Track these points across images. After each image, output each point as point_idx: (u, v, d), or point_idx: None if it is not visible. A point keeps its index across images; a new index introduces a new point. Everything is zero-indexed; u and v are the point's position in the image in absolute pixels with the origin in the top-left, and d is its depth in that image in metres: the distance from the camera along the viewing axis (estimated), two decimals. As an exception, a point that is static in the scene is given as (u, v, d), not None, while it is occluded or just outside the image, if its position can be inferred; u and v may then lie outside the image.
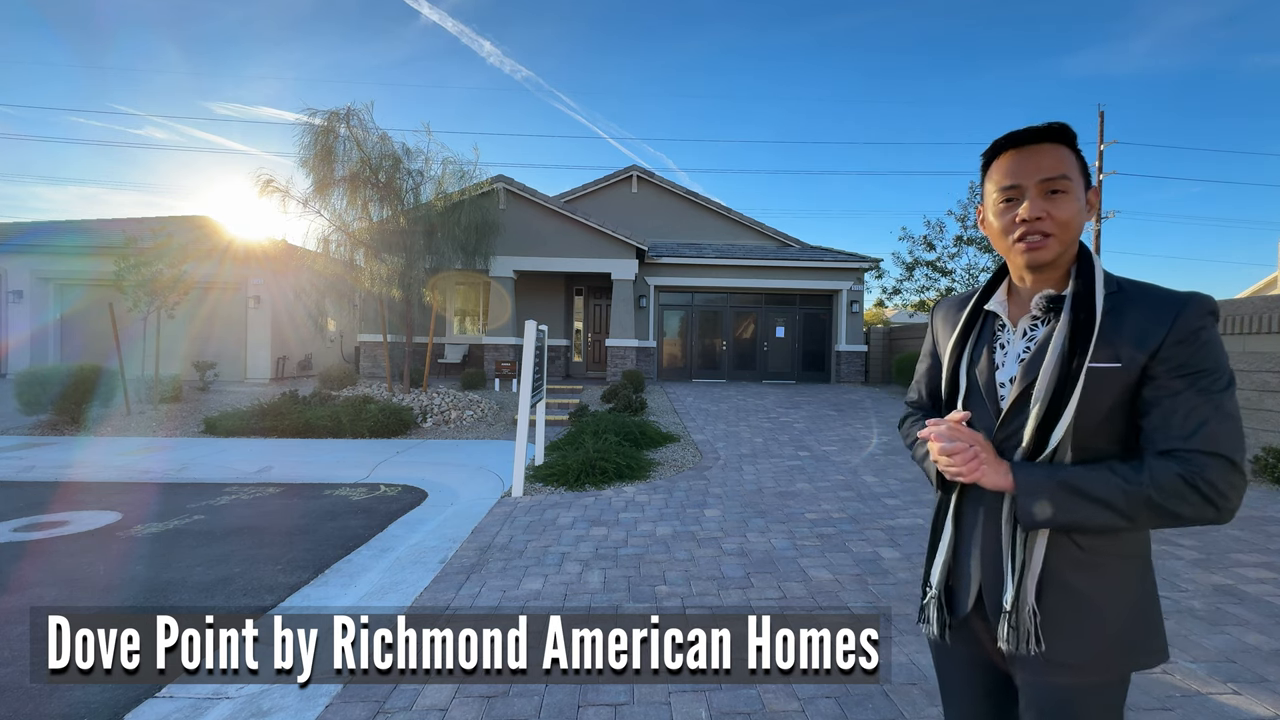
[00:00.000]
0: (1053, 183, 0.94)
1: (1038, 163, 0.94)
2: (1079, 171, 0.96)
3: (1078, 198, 0.95)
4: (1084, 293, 0.94)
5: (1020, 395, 0.97)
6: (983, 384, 1.03)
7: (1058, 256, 0.96)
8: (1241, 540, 3.89)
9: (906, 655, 2.48)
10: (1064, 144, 0.96)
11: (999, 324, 1.06)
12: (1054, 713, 0.95)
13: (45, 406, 8.32)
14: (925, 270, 16.59)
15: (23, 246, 12.71)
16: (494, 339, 12.88)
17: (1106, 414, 0.92)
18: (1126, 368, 0.90)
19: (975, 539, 1.03)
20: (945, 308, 1.19)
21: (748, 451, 6.95)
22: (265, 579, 3.48)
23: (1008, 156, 0.98)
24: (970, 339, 1.09)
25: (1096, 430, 0.93)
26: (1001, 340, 1.05)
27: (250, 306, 13.01)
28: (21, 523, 4.48)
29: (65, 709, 2.24)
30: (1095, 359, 0.91)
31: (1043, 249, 0.95)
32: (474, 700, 2.18)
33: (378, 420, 8.17)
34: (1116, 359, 0.90)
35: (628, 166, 15.40)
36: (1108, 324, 0.92)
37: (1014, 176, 0.96)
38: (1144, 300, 0.93)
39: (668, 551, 3.75)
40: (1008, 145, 0.98)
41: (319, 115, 9.66)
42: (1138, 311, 0.92)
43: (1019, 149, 0.97)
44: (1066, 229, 0.94)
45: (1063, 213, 0.94)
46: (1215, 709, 2.10)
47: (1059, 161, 0.94)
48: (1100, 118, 19.33)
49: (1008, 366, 1.01)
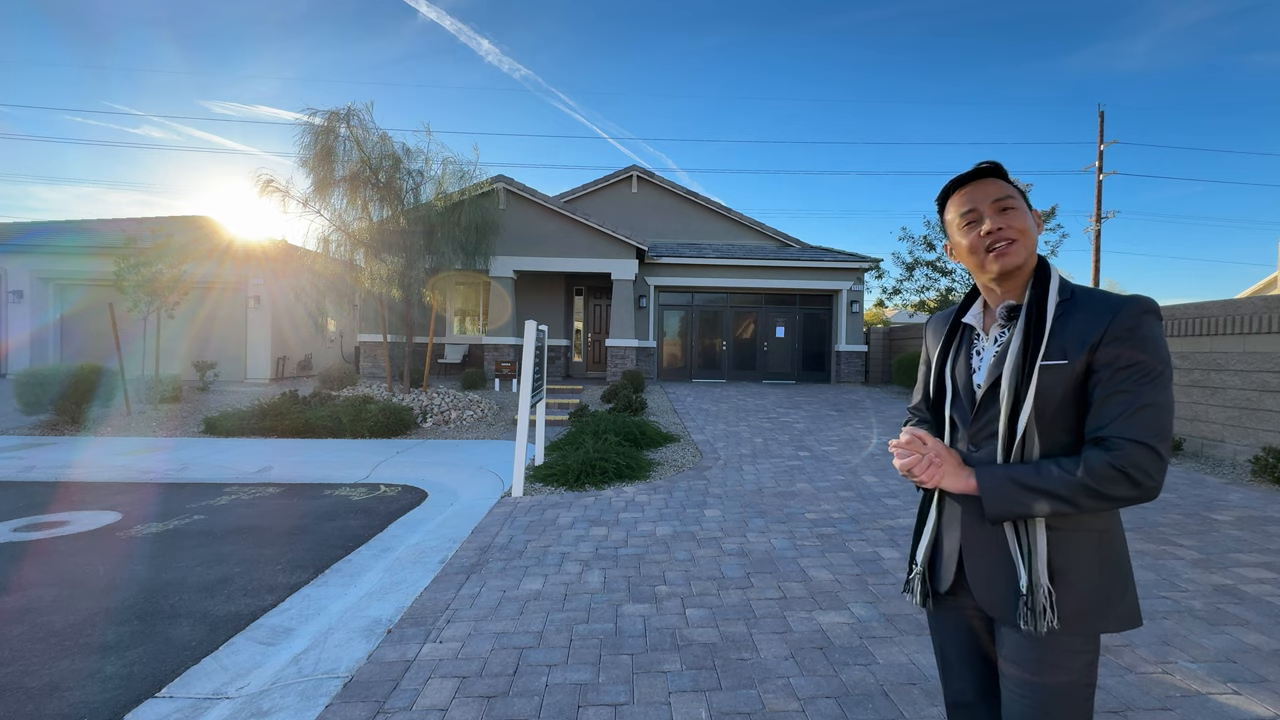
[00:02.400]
0: (1003, 201, 1.11)
1: (985, 191, 1.13)
2: (1020, 197, 1.14)
3: (1026, 214, 1.12)
4: (1037, 301, 1.09)
5: (987, 391, 1.13)
6: (962, 386, 1.20)
7: (1025, 261, 1.11)
8: (1241, 540, 3.89)
9: (906, 655, 2.48)
10: (1000, 178, 1.14)
11: (975, 334, 1.23)
12: (1029, 664, 1.07)
13: (45, 406, 8.32)
14: (925, 270, 16.60)
15: (23, 246, 12.71)
16: (494, 339, 12.88)
17: (1060, 406, 1.06)
18: (1072, 364, 1.04)
19: (954, 525, 1.19)
20: (935, 322, 1.36)
21: (748, 451, 6.95)
22: (265, 579, 3.48)
23: (960, 193, 1.16)
24: (952, 349, 1.25)
25: (1054, 421, 1.07)
26: (978, 348, 1.21)
27: (250, 306, 13.01)
28: (21, 523, 4.48)
29: (65, 709, 2.24)
30: (1047, 357, 1.05)
31: (1011, 254, 1.10)
32: (474, 700, 2.18)
33: (378, 420, 8.17)
34: (1064, 356, 1.05)
35: (628, 166, 15.40)
36: (1057, 326, 1.07)
37: (970, 202, 1.14)
38: (1089, 304, 1.07)
39: (668, 551, 3.75)
40: (956, 186, 1.17)
41: (319, 115, 9.67)
42: (1083, 314, 1.06)
43: (966, 186, 1.15)
44: (1026, 235, 1.10)
45: (1018, 222, 1.10)
46: (1215, 709, 2.10)
47: (1001, 188, 1.12)
48: (1100, 118, 19.33)
49: (981, 370, 1.17)
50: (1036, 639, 1.06)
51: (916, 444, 1.16)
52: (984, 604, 1.14)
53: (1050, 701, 1.06)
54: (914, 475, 1.15)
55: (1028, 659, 1.07)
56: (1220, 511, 4.54)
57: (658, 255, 13.72)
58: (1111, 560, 1.09)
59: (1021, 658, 1.08)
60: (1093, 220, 19.43)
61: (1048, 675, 1.06)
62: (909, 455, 1.15)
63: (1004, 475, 1.06)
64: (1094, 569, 1.07)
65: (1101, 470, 0.98)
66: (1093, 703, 1.09)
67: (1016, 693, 1.09)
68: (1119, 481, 0.98)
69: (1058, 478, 1.01)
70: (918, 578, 1.27)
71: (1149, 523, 4.25)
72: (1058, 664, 1.06)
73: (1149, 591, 3.09)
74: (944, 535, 1.22)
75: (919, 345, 13.54)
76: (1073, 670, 1.06)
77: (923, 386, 1.37)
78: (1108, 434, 1.00)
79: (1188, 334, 6.80)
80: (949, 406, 1.22)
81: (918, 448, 1.16)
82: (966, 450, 1.17)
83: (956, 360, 1.23)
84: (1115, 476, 0.98)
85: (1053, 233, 15.73)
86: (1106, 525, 1.09)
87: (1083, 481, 0.99)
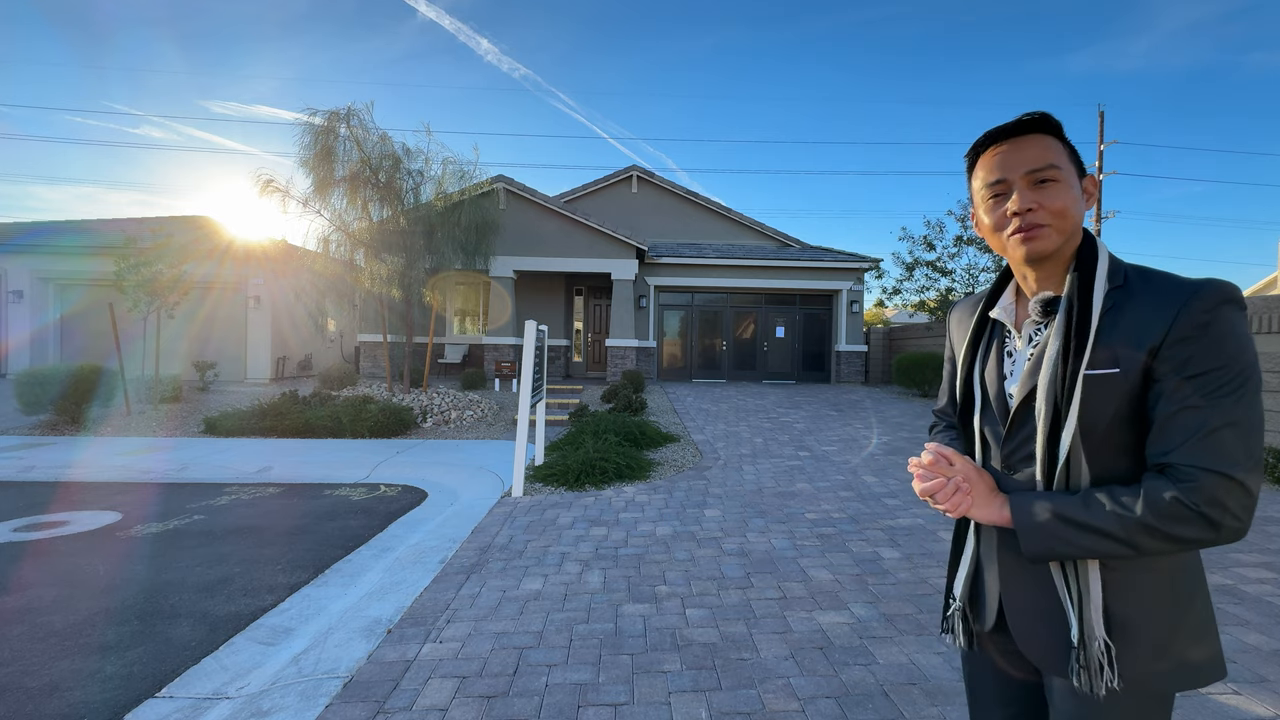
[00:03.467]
0: (1040, 173, 0.88)
1: (1022, 155, 0.89)
2: (1069, 160, 0.90)
3: (1071, 186, 0.89)
4: (1080, 291, 0.88)
5: (1021, 405, 0.93)
6: (993, 395, 0.99)
7: (1059, 247, 0.90)
8: (1242, 540, 3.89)
9: (906, 655, 2.48)
10: (1049, 134, 0.90)
11: (1007, 331, 1.01)
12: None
13: (45, 406, 8.32)
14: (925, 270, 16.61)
15: (23, 246, 12.71)
16: (494, 339, 12.88)
17: (1112, 424, 0.85)
18: (1125, 372, 0.83)
19: (991, 555, 1.00)
20: (959, 311, 1.15)
21: (748, 451, 6.95)
22: (265, 579, 3.48)
23: (991, 152, 0.93)
24: (980, 347, 1.04)
25: (1105, 441, 0.86)
26: (1009, 348, 1.00)
27: (250, 306, 13.01)
28: (21, 523, 4.48)
29: (65, 709, 2.24)
30: (1093, 364, 0.84)
31: (1039, 239, 0.89)
32: (474, 700, 2.18)
33: (378, 420, 8.16)
34: (1115, 363, 0.83)
35: (628, 166, 15.40)
36: (1107, 324, 0.85)
37: (999, 171, 0.91)
38: (1149, 292, 0.84)
39: (668, 551, 3.75)
40: (989, 142, 0.93)
41: (319, 115, 9.67)
42: (1140, 306, 0.84)
43: (1001, 143, 0.92)
44: (1062, 218, 0.88)
45: (1056, 201, 0.88)
46: (1215, 709, 2.10)
47: (1045, 151, 0.89)
48: (1100, 118, 19.34)
49: (1015, 376, 0.96)
50: (1093, 701, 0.87)
51: (942, 464, 0.96)
52: (1028, 653, 0.95)
53: None
54: (936, 503, 0.95)
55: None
56: (1220, 511, 4.54)
57: (658, 255, 13.72)
58: (1187, 603, 0.88)
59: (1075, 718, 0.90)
60: (1093, 220, 19.45)
61: None
62: (931, 478, 0.96)
63: (1046, 508, 0.86)
64: (1164, 616, 0.86)
65: (1168, 507, 0.78)
66: None
67: None
68: (1190, 521, 0.78)
69: (1111, 515, 0.81)
70: (958, 615, 1.07)
71: (1149, 523, 4.25)
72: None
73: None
74: (984, 566, 1.03)
75: (919, 345, 13.54)
76: None
77: (948, 390, 1.17)
78: (1175, 461, 0.79)
79: (1188, 334, 6.77)
80: (978, 418, 1.01)
81: (943, 469, 0.96)
82: (1001, 472, 0.97)
83: (986, 361, 1.02)
84: (1184, 515, 0.77)
85: (1053, 233, 15.75)
86: (1181, 563, 0.88)
87: (1143, 520, 0.79)
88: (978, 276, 15.76)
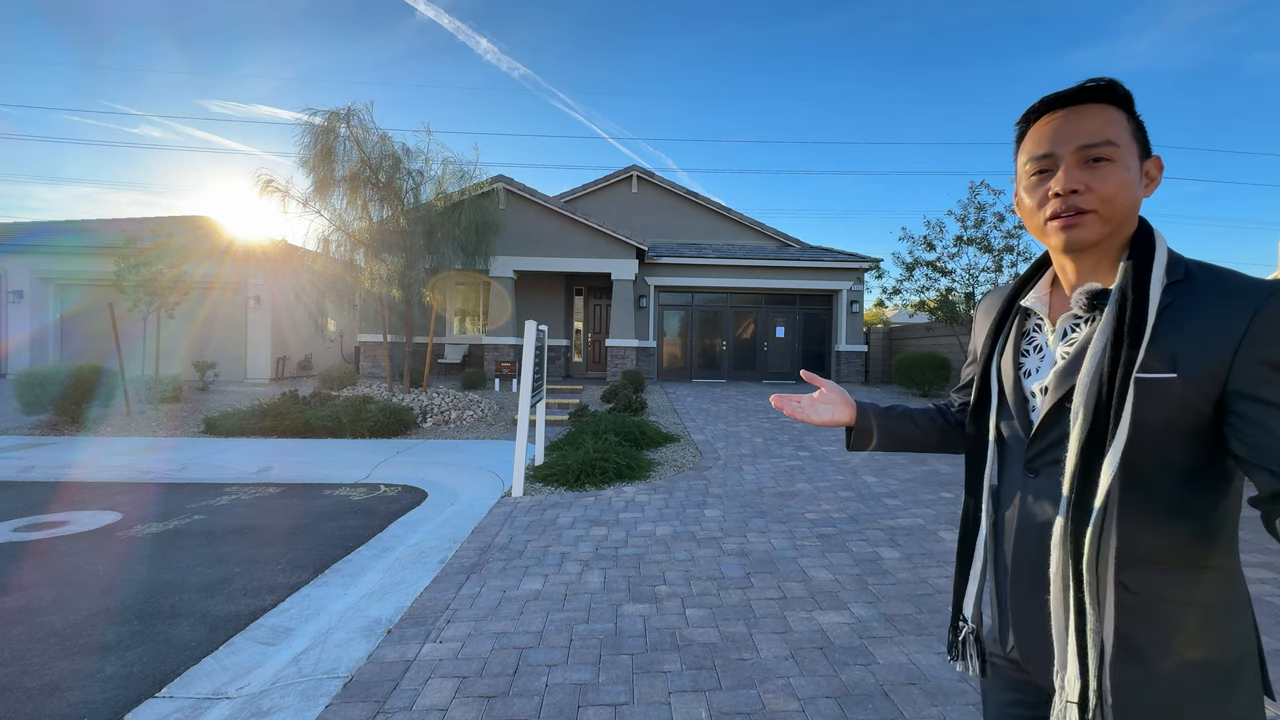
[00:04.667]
0: (1094, 149, 0.76)
1: (1077, 127, 0.78)
2: (1132, 137, 0.78)
3: (1128, 167, 0.77)
4: (1135, 283, 0.75)
5: (1055, 406, 0.81)
6: (1012, 391, 0.89)
7: (1103, 238, 0.79)
8: (1242, 540, 3.86)
9: (906, 655, 2.48)
10: (1115, 105, 0.79)
11: (1035, 323, 0.91)
12: None
13: (45, 406, 8.32)
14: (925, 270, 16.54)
15: (23, 246, 12.72)
16: (494, 339, 12.88)
17: (1162, 436, 0.74)
18: (1184, 378, 0.72)
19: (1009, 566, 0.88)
20: (988, 301, 1.02)
21: (748, 451, 6.95)
22: (265, 579, 3.48)
23: (1045, 121, 0.81)
24: (1002, 339, 0.94)
25: (1150, 454, 0.74)
26: (1038, 342, 0.89)
27: (250, 306, 13.01)
28: (21, 523, 4.48)
29: (65, 709, 2.23)
30: (1144, 368, 0.72)
31: (1080, 226, 0.78)
32: (474, 700, 2.18)
33: (378, 420, 8.16)
34: (1172, 367, 0.72)
35: (628, 166, 15.40)
36: (1165, 322, 0.73)
37: (1048, 144, 0.80)
38: (1216, 291, 0.73)
39: (668, 551, 3.75)
40: (1045, 109, 0.82)
41: (319, 115, 9.67)
42: (1206, 305, 0.73)
43: (1058, 111, 0.80)
44: (1111, 204, 0.76)
45: (1106, 185, 0.76)
46: (1215, 709, 2.09)
47: (1105, 125, 0.77)
48: (1100, 118, 19.30)
49: (1041, 373, 0.86)
50: None
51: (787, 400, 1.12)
52: (1037, 675, 0.86)
53: None
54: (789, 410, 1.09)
55: None
56: (1220, 511, 4.54)
57: (658, 255, 13.72)
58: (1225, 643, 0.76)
59: None
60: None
61: None
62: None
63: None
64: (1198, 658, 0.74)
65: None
66: None
67: None
68: None
69: None
70: (970, 637, 0.95)
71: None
72: None
73: (1149, 591, 3.09)
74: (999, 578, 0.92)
75: (919, 345, 13.55)
76: None
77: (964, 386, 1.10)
78: None
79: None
80: (994, 414, 0.92)
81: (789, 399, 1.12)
82: (1023, 476, 0.86)
83: (1003, 353, 0.93)
84: None
85: (1053, 233, 15.72)
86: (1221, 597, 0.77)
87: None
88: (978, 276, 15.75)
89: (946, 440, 1.10)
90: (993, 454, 0.92)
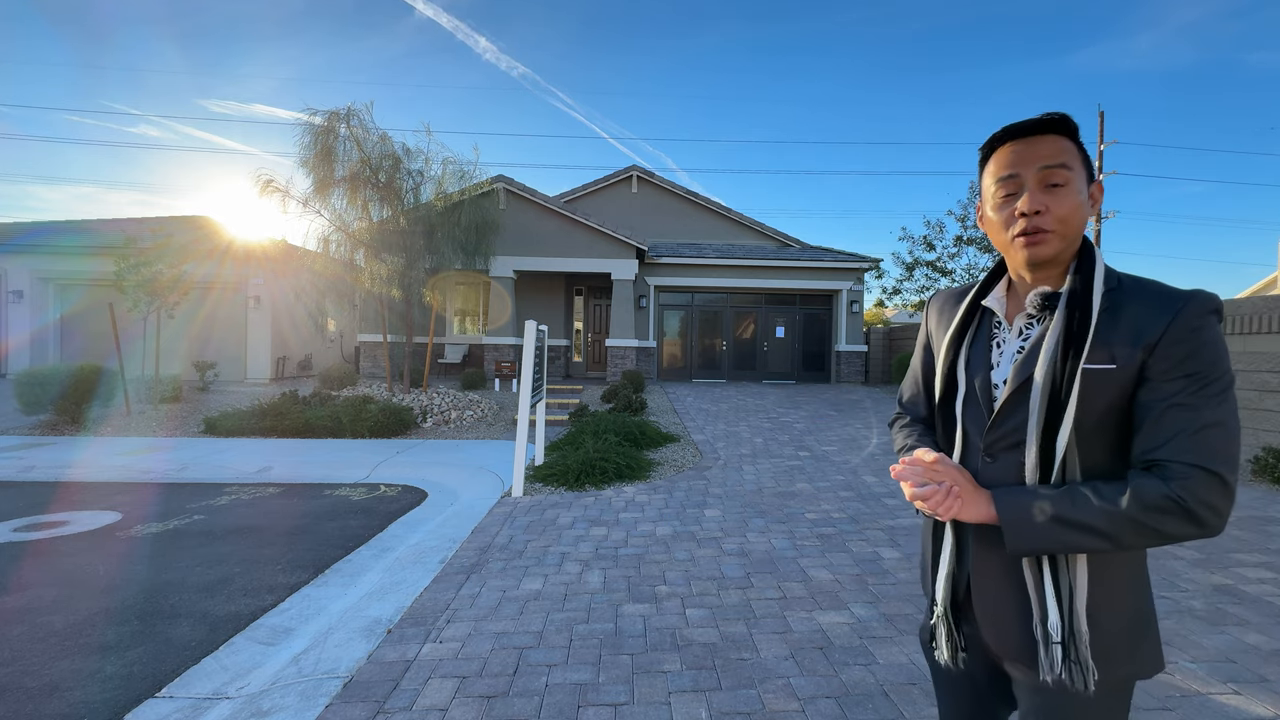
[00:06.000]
0: (1052, 173, 0.90)
1: (1037, 152, 0.92)
2: (1080, 163, 0.92)
3: (1079, 190, 0.91)
4: (1080, 290, 0.91)
5: (1011, 396, 0.94)
6: (978, 385, 1.00)
7: (1058, 253, 0.93)
8: (1241, 540, 3.89)
9: (906, 655, 2.48)
10: (1065, 135, 0.92)
11: (995, 322, 1.03)
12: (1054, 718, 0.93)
13: (45, 406, 8.32)
14: (925, 270, 16.60)
15: (23, 246, 12.71)
16: (494, 339, 12.88)
17: (1101, 420, 0.89)
18: (1122, 368, 0.87)
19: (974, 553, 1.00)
20: (941, 300, 1.15)
21: (748, 451, 6.95)
22: (265, 579, 3.48)
23: (1006, 148, 0.95)
24: (966, 337, 1.05)
25: (1092, 437, 0.90)
26: (998, 339, 1.01)
27: (250, 306, 13.01)
28: (21, 523, 4.48)
29: (65, 709, 2.24)
30: (1090, 360, 0.87)
31: (1042, 244, 0.92)
32: (474, 700, 2.18)
33: (378, 420, 8.17)
34: (1111, 360, 0.87)
35: (628, 166, 15.40)
36: (1104, 322, 0.89)
37: (1012, 166, 0.93)
38: (1143, 297, 0.89)
39: (668, 552, 3.75)
40: (1006, 137, 0.95)
41: (319, 115, 9.67)
42: (1135, 309, 0.88)
43: (1018, 140, 0.94)
44: (1066, 224, 0.91)
45: (1062, 207, 0.90)
46: (1215, 709, 2.10)
47: (1060, 151, 0.91)
48: (1100, 118, 19.33)
49: (1003, 366, 0.98)
50: (1067, 696, 0.91)
51: (939, 470, 0.94)
52: (1000, 648, 0.97)
53: None
54: (927, 509, 0.93)
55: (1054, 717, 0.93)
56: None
57: (658, 255, 13.71)
58: (1140, 598, 0.94)
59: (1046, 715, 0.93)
60: (1093, 220, 19.45)
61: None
62: (926, 485, 0.94)
63: (1030, 504, 0.88)
64: (1125, 609, 0.92)
65: (1157, 502, 0.81)
66: None
67: None
68: (1177, 516, 0.81)
69: (1098, 510, 0.83)
70: (941, 623, 1.04)
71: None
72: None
73: (1149, 591, 3.09)
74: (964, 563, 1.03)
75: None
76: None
77: (919, 380, 1.18)
78: (1164, 458, 0.82)
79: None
80: (960, 406, 1.02)
81: (939, 474, 0.94)
82: (980, 461, 0.98)
83: (972, 351, 1.03)
84: (1173, 510, 0.81)
85: (1053, 233, 15.72)
86: (1139, 557, 0.95)
87: (1130, 515, 0.82)
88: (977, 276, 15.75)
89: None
90: (958, 441, 1.02)
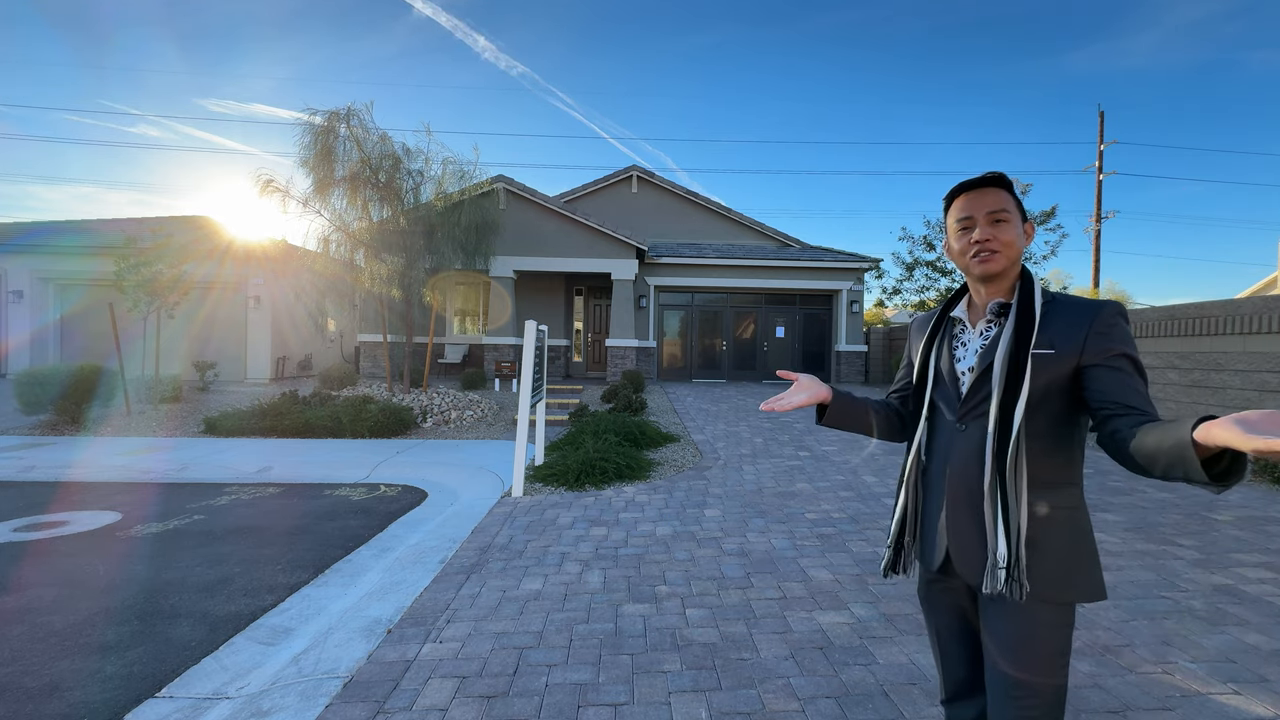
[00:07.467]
0: (996, 214, 1.24)
1: (984, 200, 1.25)
2: (1015, 208, 1.26)
3: (1016, 226, 1.25)
4: (1025, 300, 1.23)
5: (979, 378, 1.25)
6: (947, 373, 1.33)
7: (1005, 269, 1.25)
8: (1241, 540, 3.89)
9: (906, 655, 2.48)
10: (1003, 188, 1.26)
11: (959, 328, 1.36)
12: (1010, 634, 1.18)
13: (45, 406, 8.32)
14: (925, 270, 16.58)
15: (23, 246, 12.71)
16: (494, 339, 12.88)
17: (1044, 393, 1.18)
18: (1059, 354, 1.17)
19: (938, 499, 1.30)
20: (919, 323, 1.49)
21: (748, 451, 6.95)
22: (265, 579, 3.48)
23: (963, 198, 1.28)
24: (938, 340, 1.38)
25: (1039, 405, 1.18)
26: (963, 340, 1.34)
27: (250, 306, 13.01)
28: (21, 523, 4.48)
29: (65, 709, 2.24)
30: (1036, 347, 1.18)
31: (992, 261, 1.24)
32: (474, 700, 2.18)
33: (378, 420, 8.16)
34: (1051, 346, 1.17)
35: (628, 166, 15.40)
36: (1044, 322, 1.20)
37: (967, 210, 1.27)
38: (1070, 306, 1.21)
39: (668, 551, 3.75)
40: (961, 190, 1.29)
41: (319, 115, 9.66)
42: (1066, 313, 1.20)
43: (970, 191, 1.27)
44: (1010, 247, 1.24)
45: (1005, 235, 1.24)
46: (1215, 709, 2.10)
47: (1000, 199, 1.24)
48: (1100, 118, 19.34)
49: (968, 359, 1.30)
50: (1017, 611, 1.17)
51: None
52: (965, 574, 1.25)
53: (1030, 667, 1.16)
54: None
55: (1009, 630, 1.18)
56: (1220, 511, 4.54)
57: (658, 255, 13.72)
58: (1079, 536, 1.20)
59: (1003, 629, 1.19)
60: (1093, 220, 19.45)
61: (1027, 645, 1.16)
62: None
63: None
64: (1064, 543, 1.19)
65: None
66: (1067, 671, 1.20)
67: (998, 660, 1.19)
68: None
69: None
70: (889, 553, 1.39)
71: (1149, 523, 4.25)
72: (1035, 635, 1.17)
73: (1149, 591, 3.09)
74: (929, 512, 1.33)
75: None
76: (1051, 641, 1.17)
77: (904, 375, 1.53)
78: (1137, 405, 1.08)
79: (1188, 334, 6.80)
80: (931, 391, 1.35)
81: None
82: (953, 428, 1.28)
83: (941, 350, 1.36)
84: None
85: (1052, 233, 15.68)
86: (1075, 503, 1.21)
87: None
88: (978, 276, 15.75)
89: (893, 431, 1.48)
90: (926, 420, 1.35)
